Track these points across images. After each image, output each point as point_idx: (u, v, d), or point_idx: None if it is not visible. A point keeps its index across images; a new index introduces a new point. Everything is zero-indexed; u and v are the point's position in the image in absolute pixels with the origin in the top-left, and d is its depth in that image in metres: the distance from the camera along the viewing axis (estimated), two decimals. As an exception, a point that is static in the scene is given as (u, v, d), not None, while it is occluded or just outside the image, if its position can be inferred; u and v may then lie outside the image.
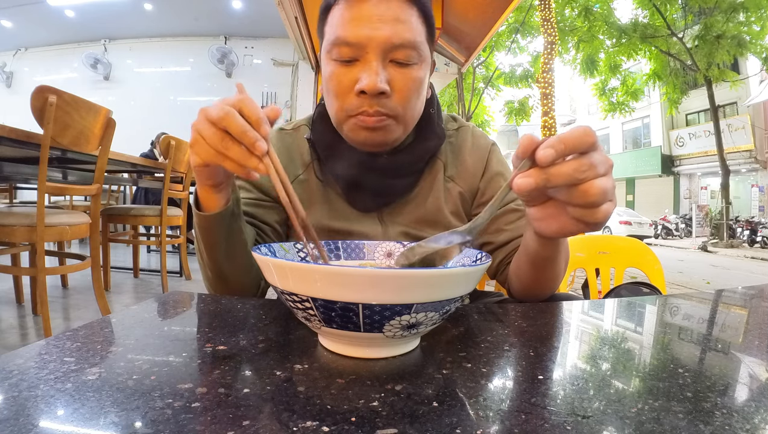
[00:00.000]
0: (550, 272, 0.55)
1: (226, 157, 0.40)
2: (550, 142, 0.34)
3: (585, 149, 0.35)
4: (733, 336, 0.44)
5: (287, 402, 0.26)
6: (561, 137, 0.34)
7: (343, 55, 0.58)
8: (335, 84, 0.59)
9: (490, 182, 0.73)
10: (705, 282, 4.97)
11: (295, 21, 4.21)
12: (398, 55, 0.58)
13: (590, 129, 0.35)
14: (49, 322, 1.65)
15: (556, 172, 0.35)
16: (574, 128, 0.35)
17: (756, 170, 14.35)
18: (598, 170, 0.35)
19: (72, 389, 0.26)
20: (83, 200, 4.05)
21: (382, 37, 0.56)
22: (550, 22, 7.13)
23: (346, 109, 0.60)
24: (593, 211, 0.37)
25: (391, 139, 0.63)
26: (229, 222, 0.53)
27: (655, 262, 1.09)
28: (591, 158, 0.35)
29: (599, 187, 0.35)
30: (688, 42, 10.37)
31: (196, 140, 0.42)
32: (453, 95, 10.19)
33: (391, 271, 0.29)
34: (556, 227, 0.42)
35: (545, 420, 0.24)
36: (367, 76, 0.56)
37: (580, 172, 0.35)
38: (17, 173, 1.84)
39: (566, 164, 0.35)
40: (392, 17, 0.57)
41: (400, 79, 0.59)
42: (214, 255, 0.56)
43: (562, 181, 0.35)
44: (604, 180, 0.36)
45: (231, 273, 0.58)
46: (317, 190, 0.69)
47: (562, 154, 0.34)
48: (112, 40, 7.43)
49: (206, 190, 0.50)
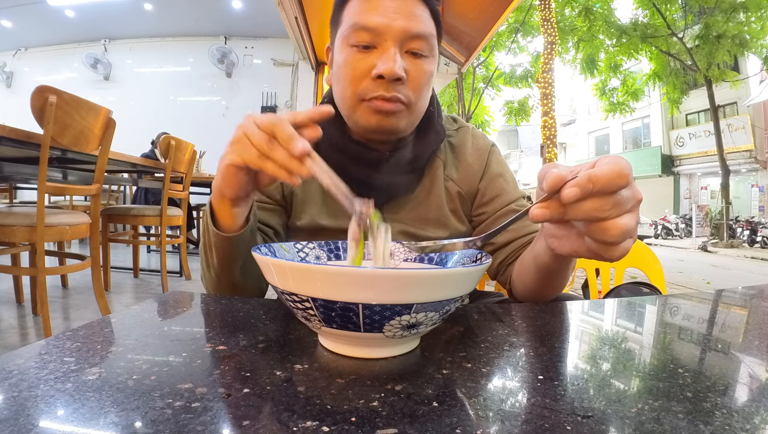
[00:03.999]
0: (556, 281, 0.55)
1: (268, 159, 0.40)
2: (579, 182, 0.31)
3: (616, 190, 0.32)
4: (733, 336, 0.44)
5: (287, 402, 0.26)
6: (592, 177, 0.31)
7: (361, 40, 0.59)
8: (351, 69, 0.60)
9: (489, 183, 0.73)
10: (705, 282, 4.97)
11: (295, 21, 4.21)
12: (413, 45, 0.59)
13: (626, 168, 0.32)
14: (49, 322, 1.65)
15: (577, 208, 0.33)
16: (608, 164, 0.32)
17: (756, 170, 14.34)
18: (623, 208, 0.33)
19: (72, 389, 0.26)
20: (83, 200, 4.05)
21: (401, 27, 0.58)
22: (550, 22, 7.13)
23: (360, 94, 0.60)
24: (611, 247, 0.36)
25: (401, 127, 0.63)
26: (249, 241, 0.53)
27: (655, 262, 1.09)
28: (618, 196, 0.32)
29: (620, 227, 0.33)
30: (688, 42, 10.38)
31: (239, 139, 0.42)
32: (453, 95, 10.19)
33: (391, 271, 0.29)
34: (569, 248, 0.40)
35: (545, 420, 0.24)
36: (386, 61, 0.57)
37: (602, 211, 0.33)
38: (17, 173, 1.84)
39: (589, 201, 0.32)
40: (408, 11, 0.59)
41: (414, 69, 0.60)
42: (230, 271, 0.55)
43: (582, 217, 0.33)
44: (627, 217, 0.34)
45: (243, 284, 0.58)
46: (317, 190, 0.69)
47: (589, 193, 0.32)
48: (112, 40, 7.42)
49: (224, 204, 0.49)
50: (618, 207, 0.33)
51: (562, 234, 0.41)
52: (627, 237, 0.35)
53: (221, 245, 0.52)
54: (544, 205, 0.34)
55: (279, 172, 0.40)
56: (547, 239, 0.44)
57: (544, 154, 7.19)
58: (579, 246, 0.39)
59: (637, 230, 0.36)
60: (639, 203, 0.35)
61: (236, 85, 7.06)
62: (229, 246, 0.52)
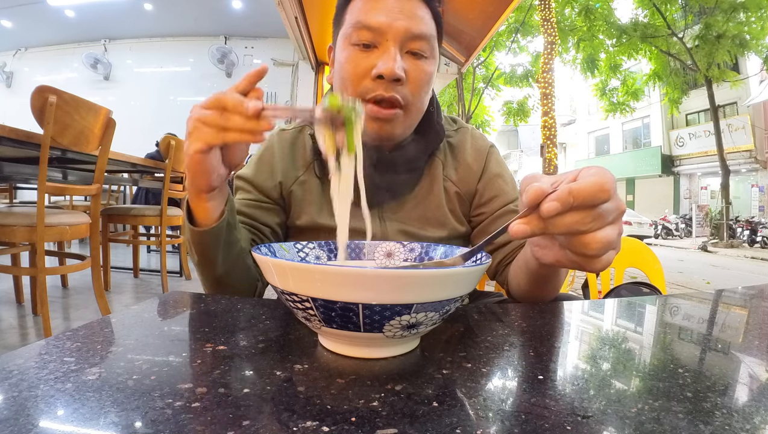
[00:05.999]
0: (548, 286, 0.55)
1: (227, 129, 0.41)
2: (559, 196, 0.31)
3: (597, 204, 0.32)
4: (733, 336, 0.44)
5: (287, 402, 0.26)
6: (572, 191, 0.31)
7: (362, 39, 0.59)
8: (352, 67, 0.60)
9: (488, 184, 0.73)
10: (705, 282, 4.97)
11: (295, 21, 4.21)
12: (414, 45, 0.60)
13: (608, 181, 0.31)
14: (49, 322, 1.65)
15: (557, 222, 0.32)
16: (590, 177, 0.31)
17: (756, 170, 14.34)
18: (605, 220, 0.33)
19: (72, 389, 0.26)
20: (83, 200, 4.05)
21: (402, 27, 0.58)
22: (550, 22, 7.13)
23: (359, 93, 0.60)
24: (592, 260, 0.35)
25: (398, 132, 0.63)
26: (225, 236, 0.53)
27: (655, 262, 1.09)
28: (599, 209, 0.32)
29: (600, 241, 0.33)
30: (688, 42, 10.38)
31: (195, 127, 0.43)
32: (453, 95, 10.19)
33: (391, 271, 0.29)
34: (552, 258, 0.40)
35: (545, 420, 0.24)
36: (386, 61, 0.57)
37: (583, 224, 0.32)
38: (17, 173, 1.84)
39: (569, 215, 0.32)
40: (411, 12, 0.59)
41: (414, 69, 0.60)
42: (210, 266, 0.56)
43: (563, 231, 0.33)
44: (609, 230, 0.33)
45: (228, 281, 0.59)
46: (316, 190, 0.70)
47: (569, 207, 0.31)
48: (112, 40, 7.43)
49: (200, 198, 0.49)
50: (599, 220, 0.32)
51: (546, 244, 0.40)
52: (609, 250, 0.34)
53: (198, 240, 0.52)
54: (525, 220, 0.33)
55: (242, 136, 0.41)
56: (531, 248, 0.43)
57: (544, 154, 7.19)
58: (562, 257, 0.38)
59: (620, 242, 0.35)
60: (622, 214, 0.34)
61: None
62: (205, 239, 0.52)
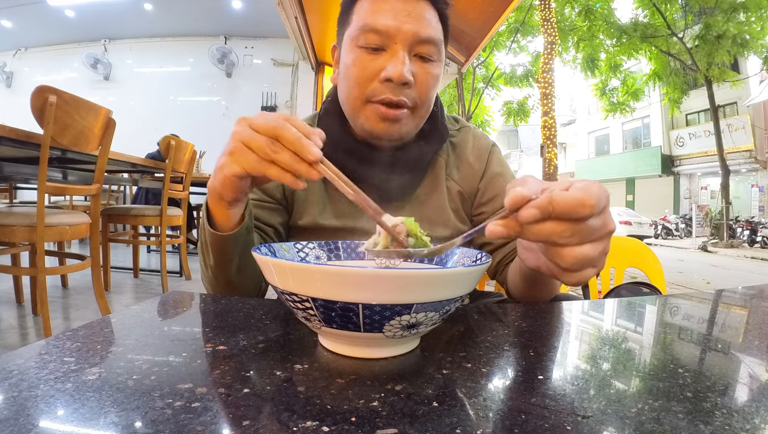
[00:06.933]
0: (543, 287, 0.56)
1: (272, 163, 0.38)
2: (540, 203, 0.30)
3: (579, 218, 0.31)
4: (733, 336, 0.44)
5: (287, 402, 0.26)
6: (553, 200, 0.30)
7: (370, 42, 0.59)
8: (359, 70, 0.59)
9: (489, 183, 0.73)
10: (705, 282, 4.97)
11: (295, 21, 4.21)
12: (422, 49, 0.59)
13: (594, 197, 0.30)
14: (49, 322, 1.65)
15: (534, 229, 0.31)
16: (576, 190, 0.31)
17: (756, 170, 14.34)
18: (586, 237, 0.32)
19: (72, 389, 0.26)
20: (83, 200, 4.05)
21: (411, 30, 0.58)
22: (550, 22, 7.13)
23: (366, 95, 0.60)
24: (565, 273, 0.34)
25: (405, 132, 0.63)
26: (244, 239, 0.53)
27: (655, 262, 1.09)
28: (582, 224, 0.31)
29: (576, 256, 0.32)
30: (688, 42, 10.38)
31: (238, 148, 0.40)
32: (453, 95, 10.18)
33: (391, 271, 0.29)
34: (535, 263, 0.40)
35: (545, 420, 0.24)
36: (395, 65, 0.57)
37: (560, 236, 0.31)
38: (17, 173, 1.84)
39: (547, 224, 0.31)
40: (419, 14, 0.59)
41: (422, 73, 0.60)
42: (226, 268, 0.55)
43: (538, 239, 0.32)
44: (588, 247, 0.32)
45: (240, 283, 0.58)
46: (318, 190, 0.69)
47: (548, 216, 0.30)
48: (112, 40, 7.43)
49: (221, 206, 0.48)
50: (579, 235, 0.31)
51: (531, 247, 0.40)
52: (586, 267, 0.33)
53: (217, 244, 0.52)
54: (502, 222, 0.32)
55: (284, 176, 0.39)
56: (518, 249, 0.44)
57: (544, 154, 7.19)
58: (542, 263, 0.38)
59: (602, 261, 0.34)
60: (609, 234, 0.33)
61: (236, 85, 7.07)
62: (225, 244, 0.52)
